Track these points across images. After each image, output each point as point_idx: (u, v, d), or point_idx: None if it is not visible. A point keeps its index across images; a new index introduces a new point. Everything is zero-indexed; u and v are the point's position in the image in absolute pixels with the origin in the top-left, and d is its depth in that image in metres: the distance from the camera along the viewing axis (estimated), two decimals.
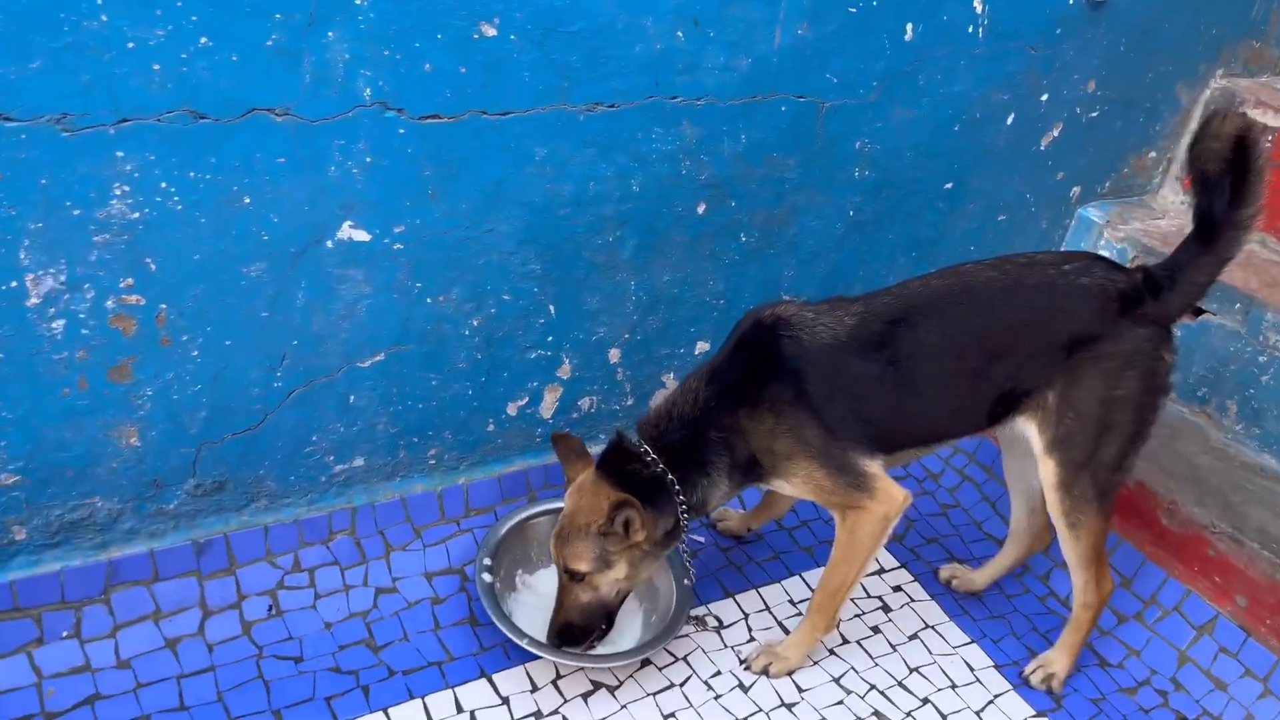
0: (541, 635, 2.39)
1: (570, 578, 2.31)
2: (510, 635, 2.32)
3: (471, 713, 2.30)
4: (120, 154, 1.86)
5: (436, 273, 2.33)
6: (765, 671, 2.51)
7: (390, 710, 2.27)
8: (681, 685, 2.46)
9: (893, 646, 2.67)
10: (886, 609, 2.79)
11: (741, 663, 2.54)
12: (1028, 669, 2.62)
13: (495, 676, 2.39)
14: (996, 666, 2.65)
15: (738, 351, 2.30)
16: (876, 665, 2.60)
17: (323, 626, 2.43)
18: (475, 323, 2.46)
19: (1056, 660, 2.60)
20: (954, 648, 2.70)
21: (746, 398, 2.25)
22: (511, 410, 2.68)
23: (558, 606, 2.36)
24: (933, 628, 2.75)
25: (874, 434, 2.26)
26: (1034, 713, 2.54)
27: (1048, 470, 2.36)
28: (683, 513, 2.30)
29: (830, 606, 2.44)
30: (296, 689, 2.28)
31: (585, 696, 2.39)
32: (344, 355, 2.33)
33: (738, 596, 2.74)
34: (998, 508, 3.14)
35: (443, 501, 2.68)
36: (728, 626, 2.64)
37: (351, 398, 2.41)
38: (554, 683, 2.41)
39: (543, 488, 2.81)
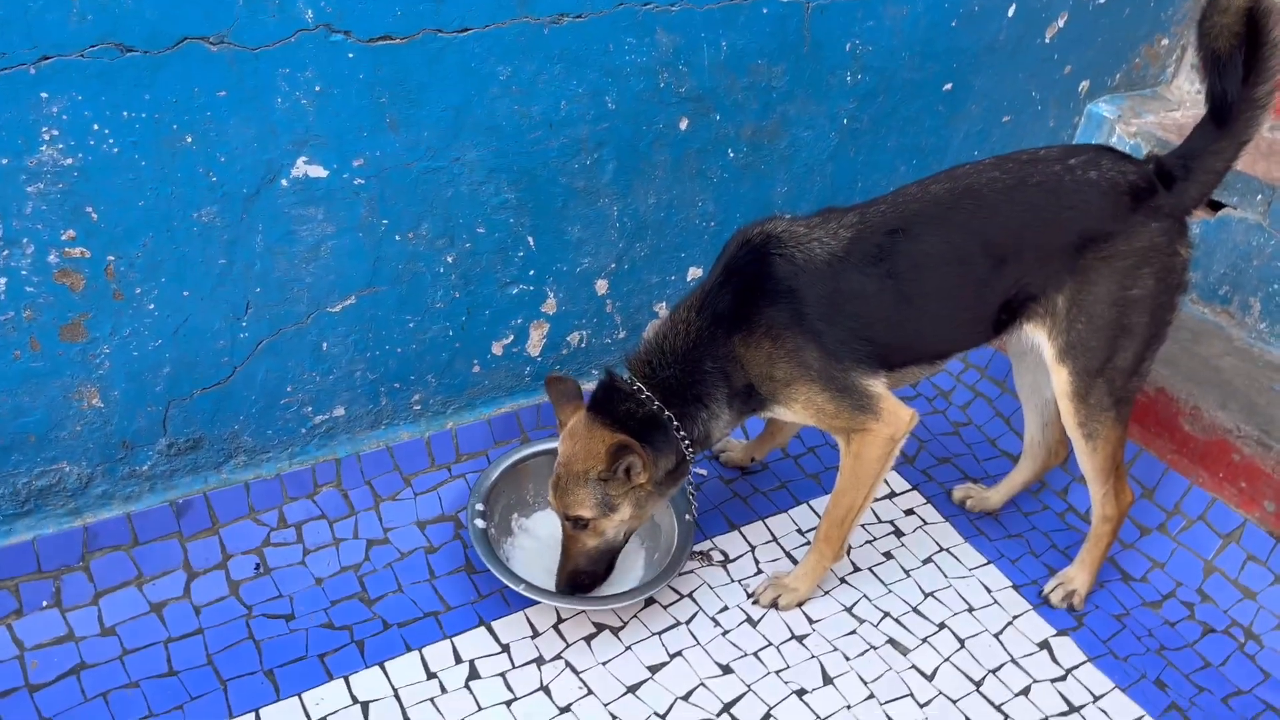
0: (540, 580, 2.31)
1: (573, 525, 2.21)
2: (506, 581, 2.23)
3: (471, 662, 2.23)
4: (45, 95, 1.73)
5: (403, 208, 2.20)
6: (774, 604, 2.42)
7: (387, 664, 2.20)
8: (688, 623, 2.37)
9: (906, 572, 2.57)
10: (899, 533, 2.69)
11: (749, 596, 2.45)
12: (1047, 587, 2.52)
13: (494, 624, 2.32)
14: (1015, 587, 2.55)
15: (728, 275, 2.17)
16: (890, 592, 2.51)
17: (313, 582, 2.35)
18: (450, 259, 2.34)
19: (1077, 577, 2.50)
20: (970, 570, 2.60)
21: (740, 324, 2.12)
22: (497, 350, 2.56)
23: (564, 555, 2.27)
24: (947, 550, 2.65)
25: (876, 352, 2.13)
26: (1055, 631, 2.44)
27: (1060, 379, 2.23)
28: (685, 448, 2.19)
29: (838, 534, 2.34)
30: (288, 648, 2.21)
31: (588, 639, 2.31)
32: (312, 301, 2.21)
33: (743, 529, 2.64)
34: (1012, 423, 3.02)
35: (431, 448, 2.58)
36: (734, 560, 2.55)
37: (324, 345, 2.29)
38: (555, 627, 2.33)
39: (535, 428, 2.71)
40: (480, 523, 2.36)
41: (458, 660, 2.23)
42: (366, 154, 2.09)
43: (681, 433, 2.17)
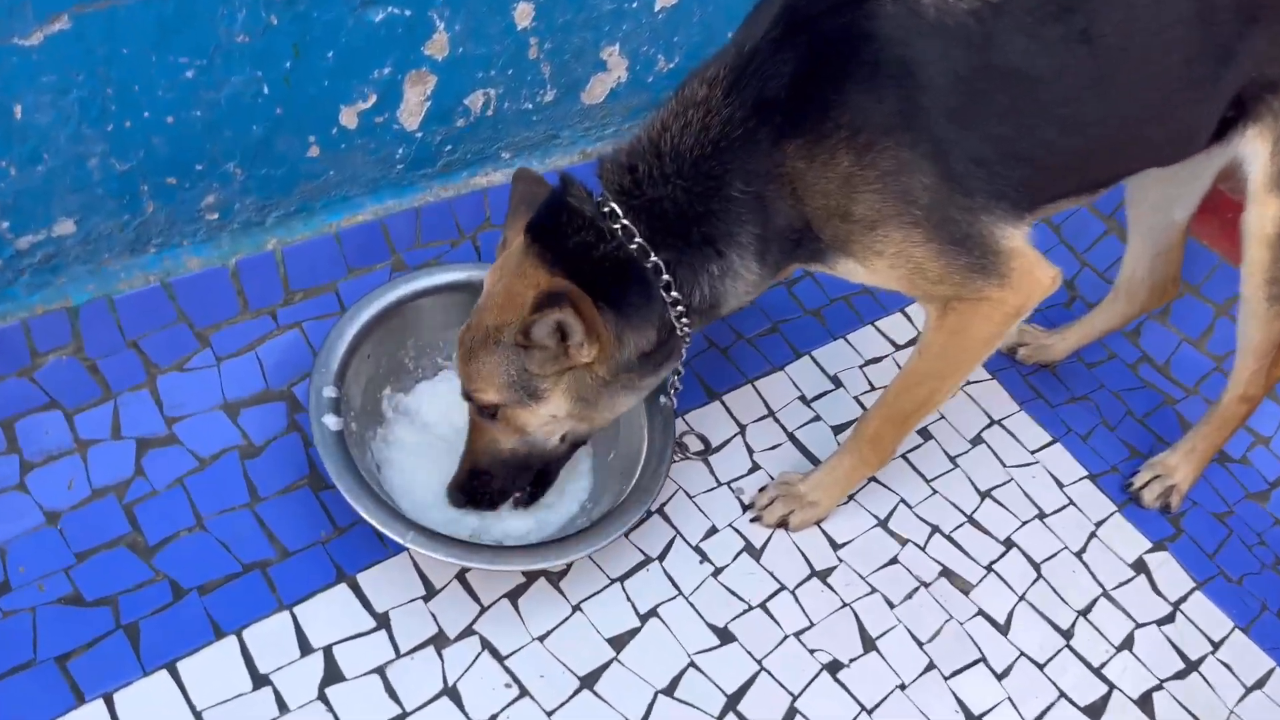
0: (434, 504, 1.46)
1: (478, 411, 1.37)
2: (381, 527, 1.34)
3: (327, 651, 1.37)
4: None
5: None
6: (784, 524, 1.65)
7: (181, 664, 1.32)
8: (661, 558, 1.57)
9: (951, 459, 1.83)
10: None
11: (746, 509, 1.66)
12: (1138, 480, 1.85)
13: (362, 578, 1.45)
14: (1092, 477, 1.87)
15: (789, 29, 1.23)
16: (934, 493, 1.77)
17: (41, 521, 1.39)
18: None
19: (1179, 468, 1.84)
20: (1033, 454, 1.88)
21: (804, 120, 1.21)
22: (348, 119, 1.53)
23: (466, 449, 1.43)
24: (1000, 424, 1.91)
25: (1030, 179, 1.27)
26: (1150, 545, 1.79)
27: (1266, 215, 1.43)
28: (678, 318, 1.30)
29: (893, 436, 1.57)
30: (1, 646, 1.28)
31: (514, 598, 1.48)
32: None
33: (725, 397, 1.81)
34: (1063, 234, 2.23)
35: (240, 282, 1.58)
36: (718, 449, 1.73)
37: (17, 109, 1.22)
38: (461, 577, 1.48)
39: (413, 246, 1.73)
40: (331, 421, 1.42)
41: (304, 649, 1.37)
42: None
43: (674, 294, 1.29)
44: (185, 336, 1.54)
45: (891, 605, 1.61)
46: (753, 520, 1.65)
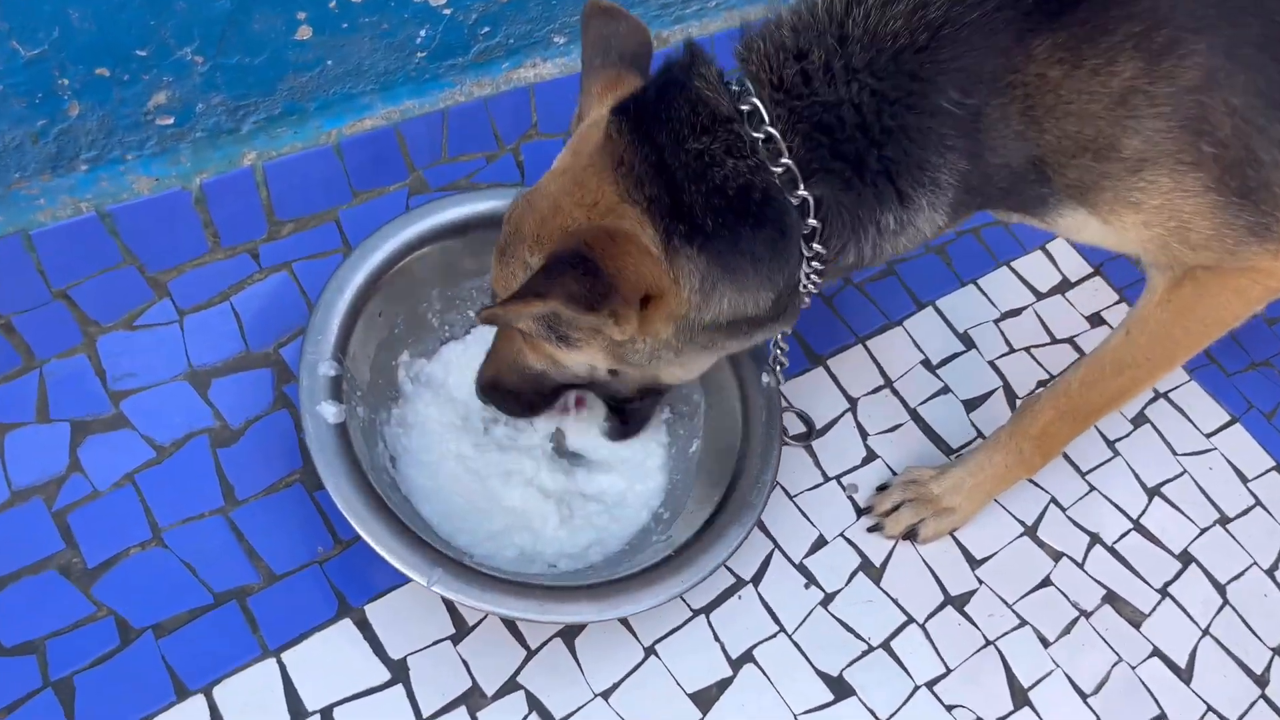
0: (465, 501, 1.11)
1: None
2: (397, 564, 0.99)
3: (326, 713, 1.04)
4: None
5: None
6: (912, 535, 1.29)
7: None
8: (756, 582, 1.23)
9: (1110, 444, 1.47)
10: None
11: (862, 514, 1.30)
12: None
13: (371, 610, 1.11)
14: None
15: None
16: (1092, 490, 1.41)
17: None
18: None
19: None
20: (1208, 437, 1.52)
21: (1071, 6, 0.82)
22: None
23: (490, 352, 1.13)
24: (1165, 397, 1.54)
25: None
26: None
27: None
28: (809, 275, 0.92)
29: (1069, 434, 1.24)
30: None
31: (569, 638, 1.14)
32: None
33: (830, 361, 1.43)
34: None
35: (207, 208, 1.19)
36: (822, 432, 1.36)
37: None
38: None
39: (438, 160, 1.32)
40: (330, 411, 1.06)
41: (296, 712, 1.04)
42: None
43: (817, 246, 0.89)
44: (134, 283, 1.16)
45: (1046, 643, 1.27)
46: (871, 529, 1.30)
